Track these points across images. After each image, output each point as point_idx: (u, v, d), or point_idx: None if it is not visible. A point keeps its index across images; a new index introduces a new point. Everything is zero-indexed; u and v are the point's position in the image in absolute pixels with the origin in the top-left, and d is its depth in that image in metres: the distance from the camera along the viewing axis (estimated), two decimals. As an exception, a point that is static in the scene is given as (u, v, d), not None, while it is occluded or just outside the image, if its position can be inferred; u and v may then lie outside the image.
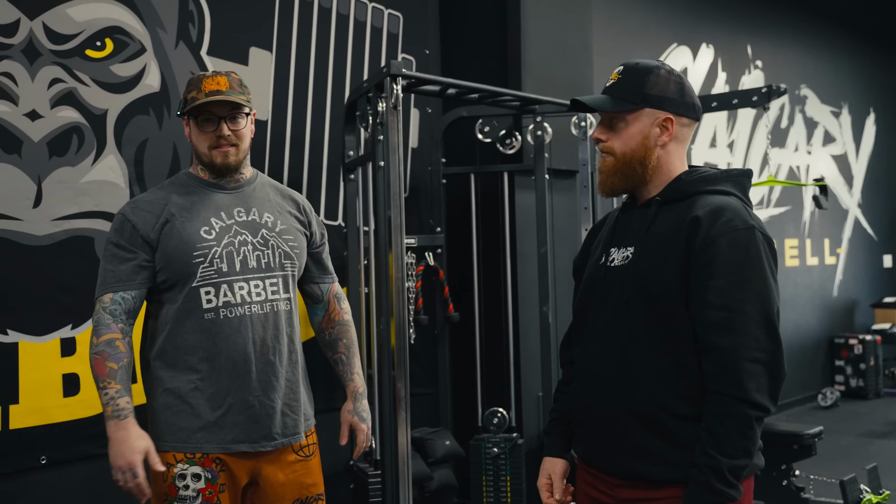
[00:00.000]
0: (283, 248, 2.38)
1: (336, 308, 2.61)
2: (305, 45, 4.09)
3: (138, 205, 2.31)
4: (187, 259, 2.24)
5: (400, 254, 3.34)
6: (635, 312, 1.85)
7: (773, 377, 1.73)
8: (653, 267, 1.84)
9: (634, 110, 1.91)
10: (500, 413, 4.35)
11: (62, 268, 3.20)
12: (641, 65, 1.94)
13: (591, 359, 1.96)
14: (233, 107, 2.31)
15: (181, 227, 2.26)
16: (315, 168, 4.12)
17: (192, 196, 2.34)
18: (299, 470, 2.40)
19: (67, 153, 3.22)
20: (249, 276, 2.30)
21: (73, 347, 3.21)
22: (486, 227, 4.56)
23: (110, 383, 2.14)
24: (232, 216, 2.34)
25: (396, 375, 3.33)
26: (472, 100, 4.06)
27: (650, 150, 1.92)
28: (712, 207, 1.81)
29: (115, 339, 2.18)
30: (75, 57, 3.25)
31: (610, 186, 1.96)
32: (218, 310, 2.26)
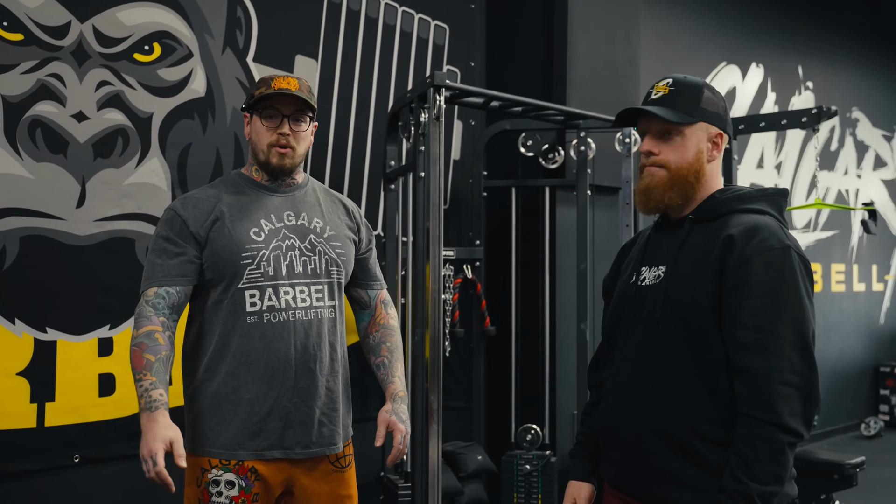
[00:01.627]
0: (331, 254, 2.36)
1: (382, 313, 2.58)
2: (351, 55, 4.10)
3: (189, 201, 2.30)
4: (235, 259, 2.23)
5: (437, 265, 3.32)
6: (666, 333, 1.82)
7: (806, 401, 1.68)
8: (685, 286, 1.81)
9: (693, 123, 1.88)
10: (533, 430, 4.31)
11: (103, 268, 3.22)
12: (691, 79, 1.92)
13: (621, 380, 1.93)
14: (298, 106, 2.31)
15: (231, 226, 2.26)
16: (356, 177, 4.12)
17: (242, 196, 2.33)
18: (334, 481, 2.37)
19: (112, 155, 3.25)
20: (295, 281, 2.29)
21: (111, 348, 3.24)
22: (525, 242, 4.53)
23: (146, 374, 2.11)
24: (281, 219, 2.33)
25: (430, 387, 3.31)
26: (516, 113, 4.04)
27: (703, 165, 1.90)
28: (747, 226, 1.78)
29: (155, 332, 2.15)
30: (123, 60, 3.29)
31: (665, 202, 1.91)
32: (262, 313, 2.24)
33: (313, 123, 2.39)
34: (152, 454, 2.02)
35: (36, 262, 3.08)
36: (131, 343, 2.16)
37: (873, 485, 5.68)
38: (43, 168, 3.09)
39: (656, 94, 1.92)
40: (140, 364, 2.12)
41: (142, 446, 2.05)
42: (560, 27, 4.49)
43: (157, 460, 2.01)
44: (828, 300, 7.71)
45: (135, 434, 3.22)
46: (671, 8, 6.14)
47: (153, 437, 2.04)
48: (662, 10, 5.99)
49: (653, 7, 5.65)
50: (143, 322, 2.17)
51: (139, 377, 2.11)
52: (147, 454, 2.02)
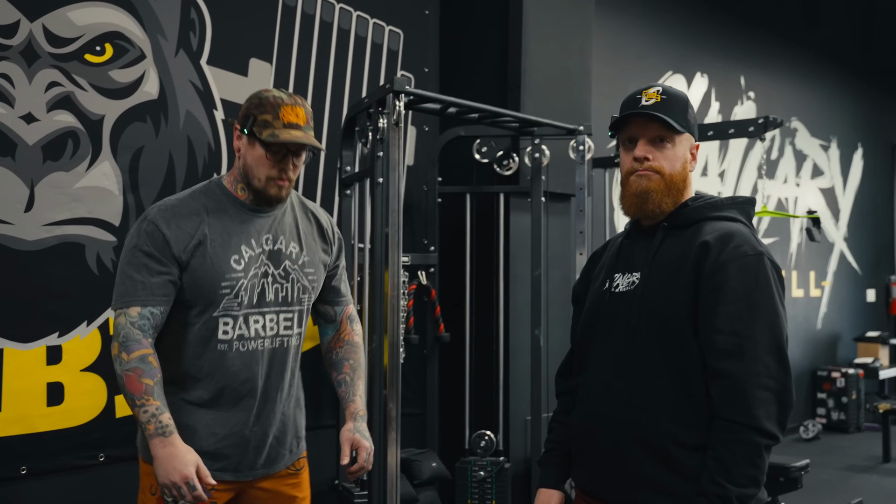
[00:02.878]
0: (303, 281, 2.35)
1: (347, 328, 2.56)
2: (305, 58, 4.06)
3: (172, 217, 2.22)
4: (215, 288, 2.20)
5: (396, 272, 3.30)
6: (643, 338, 1.83)
7: (782, 405, 1.71)
8: (661, 292, 1.83)
9: (682, 133, 1.91)
10: (487, 436, 4.31)
11: (52, 274, 3.13)
12: (676, 91, 1.96)
13: (598, 387, 1.93)
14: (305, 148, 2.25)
15: (213, 253, 2.21)
16: (310, 181, 4.08)
17: (225, 216, 2.26)
18: (287, 482, 2.39)
19: (62, 158, 3.16)
20: (266, 309, 2.28)
21: (59, 356, 3.14)
22: (480, 248, 4.53)
23: (148, 400, 2.07)
24: (261, 244, 2.28)
25: (388, 395, 3.28)
26: (471, 119, 4.03)
27: (687, 174, 1.94)
28: (721, 233, 1.81)
29: (148, 356, 2.12)
30: (74, 61, 3.20)
31: (660, 207, 1.91)
32: (231, 342, 2.23)
33: None
34: (187, 480, 2.02)
35: (-18, 268, 2.98)
36: (122, 368, 2.10)
37: (815, 487, 5.80)
38: (-10, 171, 2.99)
39: (647, 100, 1.92)
40: (139, 389, 2.08)
41: (170, 472, 2.03)
42: (515, 34, 4.51)
43: (196, 485, 2.03)
44: (768, 306, 7.85)
45: (85, 444, 3.16)
46: (621, 17, 6.21)
47: (182, 463, 2.04)
48: (612, 20, 6.06)
49: (603, 16, 5.71)
50: (133, 346, 2.11)
51: (141, 402, 2.07)
52: (181, 480, 2.02)
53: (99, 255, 3.24)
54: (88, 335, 3.21)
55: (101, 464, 3.23)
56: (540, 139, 4.21)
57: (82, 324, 3.20)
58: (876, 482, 6.14)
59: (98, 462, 3.22)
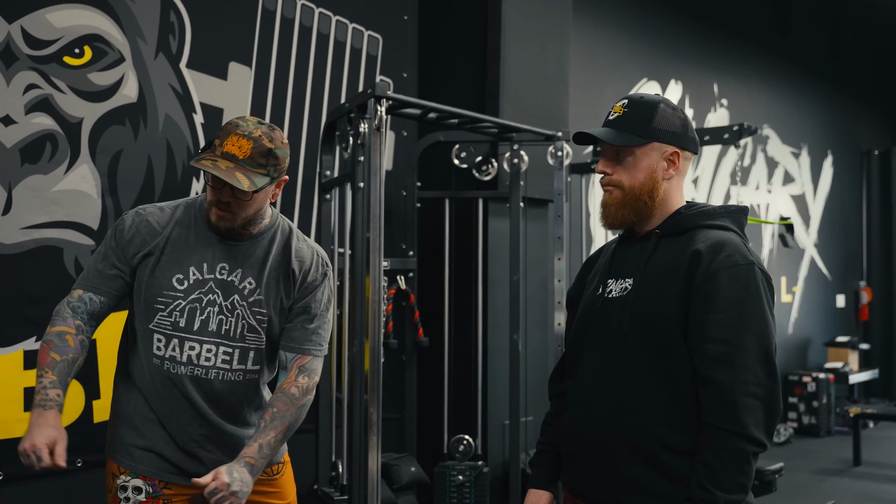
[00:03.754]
0: (249, 320, 2.28)
1: (291, 378, 2.31)
2: (285, 63, 4.05)
3: (143, 221, 2.24)
4: (151, 301, 2.21)
5: (377, 276, 3.31)
6: (634, 344, 1.85)
7: (769, 413, 1.73)
8: (652, 298, 1.84)
9: (643, 144, 1.91)
10: (466, 440, 4.31)
11: (29, 277, 3.10)
12: (647, 99, 1.95)
13: (588, 390, 1.94)
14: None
15: (158, 267, 2.21)
16: (288, 186, 4.06)
17: (190, 233, 2.25)
18: (262, 488, 2.36)
19: (40, 161, 3.13)
20: (206, 338, 2.23)
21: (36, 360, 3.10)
22: (458, 253, 4.54)
23: (47, 372, 2.10)
24: (213, 270, 2.24)
25: (369, 399, 3.28)
26: (450, 125, 4.05)
27: (658, 184, 1.93)
28: (713, 242, 1.82)
29: (67, 333, 2.15)
30: (52, 63, 3.18)
31: (619, 219, 1.95)
32: (163, 360, 2.23)
33: (277, 183, 2.24)
34: (35, 449, 2.01)
35: (-41, 272, 2.95)
36: (43, 338, 2.15)
37: (789, 489, 5.86)
38: (-33, 173, 2.96)
39: (613, 115, 1.96)
40: (44, 361, 2.12)
41: (24, 440, 2.03)
42: (493, 40, 4.53)
43: (43, 457, 2.01)
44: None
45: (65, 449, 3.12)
46: (597, 24, 6.26)
47: (39, 433, 2.03)
48: (589, 27, 6.10)
49: (580, 23, 5.75)
50: (57, 321, 2.17)
51: (41, 373, 2.11)
52: (30, 448, 2.01)
53: (77, 258, 3.21)
54: (66, 340, 3.18)
55: (79, 469, 3.20)
56: (519, 145, 4.23)
57: (60, 328, 3.17)
58: (847, 485, 6.22)
59: (76, 468, 3.19)
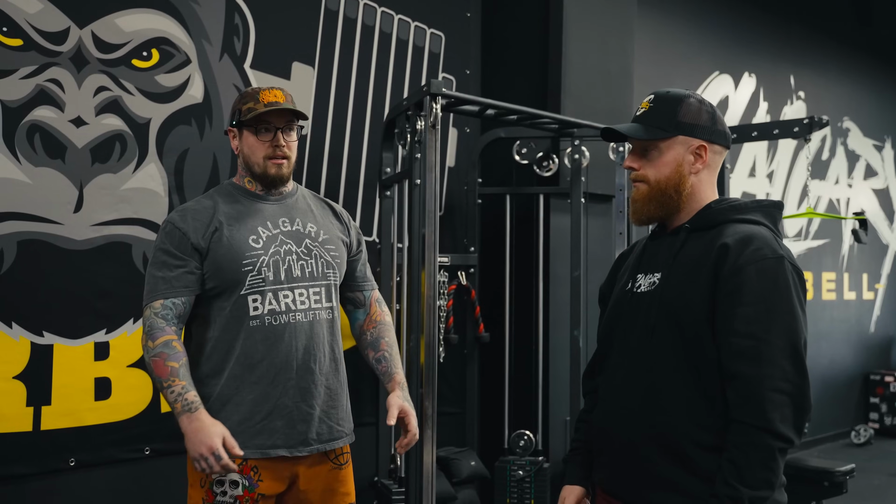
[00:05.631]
0: (325, 257, 2.45)
1: (377, 310, 2.65)
2: (347, 62, 4.12)
3: (187, 212, 2.37)
4: (236, 267, 2.31)
5: (433, 272, 3.34)
6: (661, 339, 1.85)
7: (798, 409, 1.71)
8: (680, 293, 1.84)
9: (668, 138, 1.92)
10: (526, 436, 4.33)
11: (99, 273, 3.23)
12: (672, 93, 1.96)
13: (616, 385, 1.96)
14: (289, 118, 2.40)
15: (230, 235, 2.33)
16: (352, 184, 4.14)
17: (237, 205, 2.41)
18: (333, 477, 2.44)
19: (110, 160, 3.26)
20: (294, 284, 2.37)
21: (107, 352, 3.24)
22: (519, 249, 4.56)
23: (174, 381, 2.18)
24: (277, 226, 2.41)
25: (424, 393, 3.32)
26: (511, 121, 4.07)
27: (684, 178, 1.92)
28: (741, 236, 1.81)
29: (172, 341, 2.23)
30: (121, 66, 3.30)
31: (646, 214, 1.96)
32: (263, 317, 2.31)
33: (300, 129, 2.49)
34: (213, 450, 2.11)
35: (33, 267, 3.09)
36: (149, 355, 2.23)
37: (863, 492, 5.71)
38: (41, 173, 3.10)
39: (640, 110, 1.97)
40: (165, 372, 2.19)
41: (197, 445, 2.12)
42: (555, 36, 4.53)
43: (222, 455, 2.11)
44: (819, 308, 7.75)
45: (130, 438, 3.26)
46: (665, 17, 6.18)
47: (207, 435, 2.12)
48: (656, 20, 6.03)
49: (647, 16, 5.69)
50: (157, 333, 2.23)
51: (168, 384, 2.18)
52: (207, 451, 2.11)
53: (145, 254, 3.33)
54: (135, 332, 3.30)
55: (147, 457, 3.33)
56: (580, 140, 4.22)
57: (129, 321, 3.29)
58: (927, 489, 6.03)
59: (143, 455, 3.32)
